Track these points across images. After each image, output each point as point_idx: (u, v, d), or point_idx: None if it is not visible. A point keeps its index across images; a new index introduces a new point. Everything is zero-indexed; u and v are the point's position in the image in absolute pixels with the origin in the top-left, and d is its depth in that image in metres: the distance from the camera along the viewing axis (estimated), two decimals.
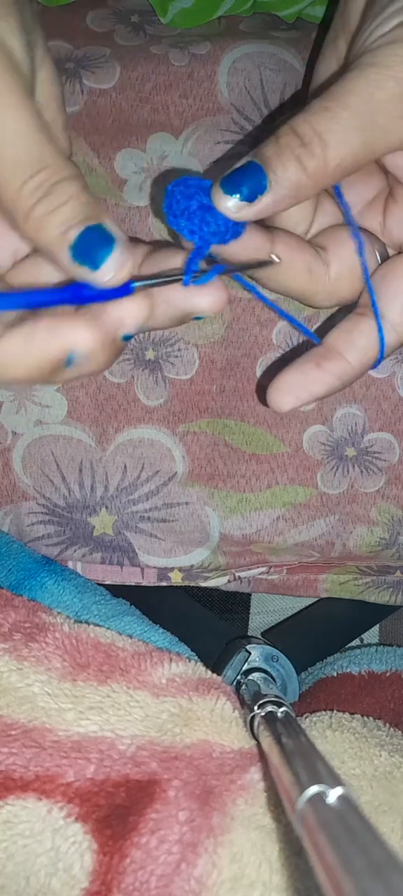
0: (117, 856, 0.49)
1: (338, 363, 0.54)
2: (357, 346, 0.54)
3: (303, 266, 0.54)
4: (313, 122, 0.46)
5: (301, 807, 0.37)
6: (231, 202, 0.47)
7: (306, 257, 0.54)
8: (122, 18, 0.77)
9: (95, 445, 0.70)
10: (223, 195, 0.47)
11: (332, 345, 0.55)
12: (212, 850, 0.49)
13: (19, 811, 0.50)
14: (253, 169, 0.47)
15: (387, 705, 0.70)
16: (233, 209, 0.47)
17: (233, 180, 0.47)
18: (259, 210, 0.47)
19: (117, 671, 0.58)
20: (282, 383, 0.54)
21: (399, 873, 0.29)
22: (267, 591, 0.84)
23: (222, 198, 0.47)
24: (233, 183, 0.47)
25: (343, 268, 0.55)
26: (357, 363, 0.54)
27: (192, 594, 0.88)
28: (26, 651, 0.57)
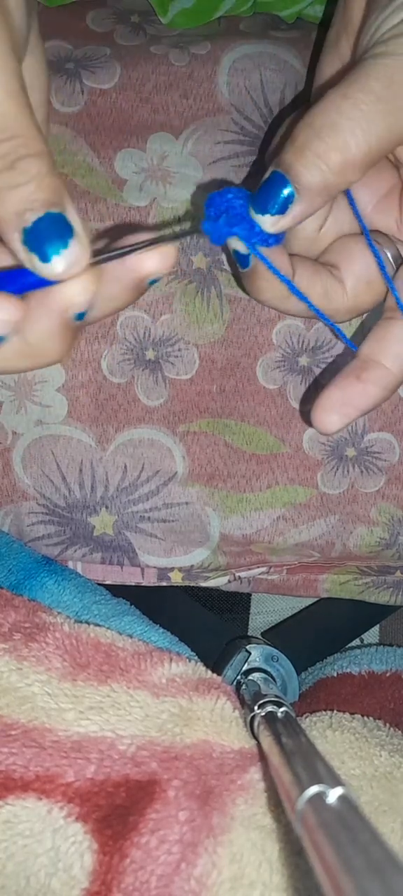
0: (117, 856, 0.48)
1: (378, 372, 0.53)
2: (393, 351, 0.54)
3: (321, 292, 0.54)
4: (332, 113, 0.45)
5: (301, 807, 0.37)
6: (266, 220, 0.47)
7: (323, 282, 0.54)
8: (122, 18, 0.77)
9: (95, 445, 0.70)
10: (256, 214, 0.47)
11: (368, 355, 0.54)
12: (212, 850, 0.49)
13: (19, 811, 0.50)
14: (278, 180, 0.46)
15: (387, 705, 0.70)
16: (270, 226, 0.47)
17: (262, 197, 0.47)
18: (293, 219, 0.47)
19: (117, 671, 0.58)
20: (327, 402, 0.53)
21: (400, 873, 0.29)
22: (268, 592, 0.84)
23: (257, 218, 0.47)
24: (263, 200, 0.47)
25: (358, 283, 0.55)
26: (397, 369, 0.53)
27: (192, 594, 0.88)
28: (26, 651, 0.56)
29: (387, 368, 0.53)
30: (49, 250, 0.40)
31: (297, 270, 0.53)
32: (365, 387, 0.53)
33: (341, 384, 0.54)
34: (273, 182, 0.47)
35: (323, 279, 0.54)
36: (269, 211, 0.47)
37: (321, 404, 0.54)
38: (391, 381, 0.53)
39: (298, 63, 0.71)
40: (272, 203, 0.46)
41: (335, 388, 0.54)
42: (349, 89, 0.45)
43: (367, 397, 0.53)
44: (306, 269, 0.54)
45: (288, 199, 0.46)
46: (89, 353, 0.68)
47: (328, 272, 0.55)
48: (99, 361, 0.68)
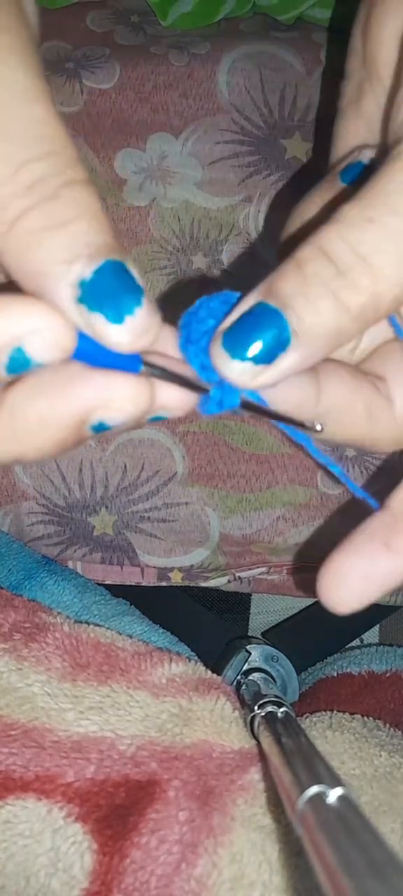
0: (117, 856, 0.49)
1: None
2: None
3: (362, 409, 0.39)
4: (353, 239, 0.33)
5: (301, 807, 0.37)
6: (238, 368, 0.33)
7: (365, 397, 0.40)
8: (122, 19, 0.77)
9: (95, 445, 0.69)
10: (227, 358, 0.33)
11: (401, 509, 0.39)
12: (212, 851, 0.49)
13: (19, 811, 0.50)
14: (267, 315, 0.33)
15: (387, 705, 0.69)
16: (245, 377, 0.33)
17: (239, 335, 0.33)
18: (281, 372, 0.34)
19: (117, 671, 0.58)
20: (340, 576, 0.39)
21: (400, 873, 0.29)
22: (268, 592, 0.84)
23: (227, 364, 0.33)
24: (240, 339, 0.33)
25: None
26: None
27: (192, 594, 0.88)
28: (26, 651, 0.57)
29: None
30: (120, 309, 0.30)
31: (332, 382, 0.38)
32: (397, 559, 0.38)
33: (363, 549, 0.39)
34: (259, 317, 0.33)
35: (365, 395, 0.40)
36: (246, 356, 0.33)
37: (333, 577, 0.40)
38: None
39: (298, 63, 0.71)
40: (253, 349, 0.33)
41: (354, 554, 0.39)
42: (374, 210, 0.33)
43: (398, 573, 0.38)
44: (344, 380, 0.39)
45: (278, 345, 0.33)
46: None
47: (372, 385, 0.40)
48: None
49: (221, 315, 0.35)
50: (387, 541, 0.38)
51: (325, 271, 0.33)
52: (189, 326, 0.35)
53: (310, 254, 0.34)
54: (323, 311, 0.33)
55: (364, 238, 0.33)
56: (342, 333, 0.34)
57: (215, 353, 0.33)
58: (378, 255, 0.33)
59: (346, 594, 0.39)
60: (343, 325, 0.33)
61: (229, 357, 0.33)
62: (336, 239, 0.33)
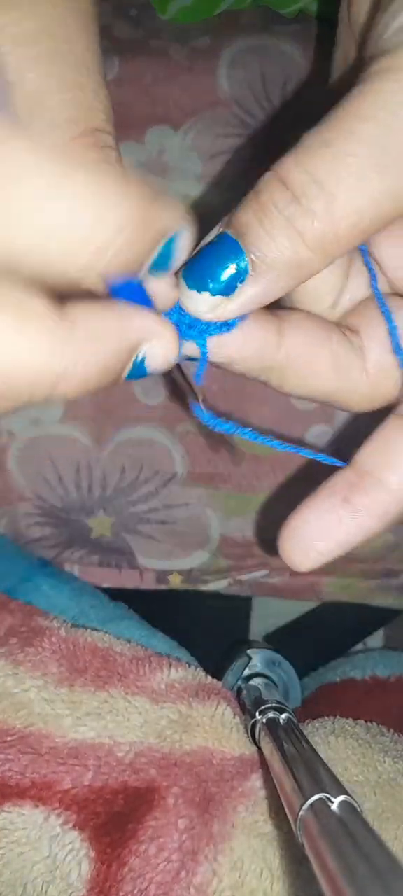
0: (115, 864, 0.48)
1: (377, 495, 0.39)
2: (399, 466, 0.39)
3: (329, 361, 0.39)
4: (309, 164, 0.33)
5: (303, 814, 0.37)
6: (200, 300, 0.34)
7: (332, 351, 0.40)
8: (121, 12, 0.77)
9: (93, 445, 0.69)
10: (187, 291, 0.35)
11: (366, 466, 0.40)
12: (213, 858, 0.49)
13: (16, 818, 0.50)
14: (227, 246, 0.34)
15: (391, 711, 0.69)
16: (205, 309, 0.35)
17: (199, 268, 0.35)
18: (241, 305, 0.35)
19: (115, 676, 0.57)
20: (298, 531, 0.40)
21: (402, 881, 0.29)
22: (269, 595, 0.84)
23: (187, 295, 0.35)
24: (199, 272, 0.34)
25: (385, 358, 0.41)
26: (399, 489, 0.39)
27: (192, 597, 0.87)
28: (22, 656, 0.56)
29: (390, 491, 0.39)
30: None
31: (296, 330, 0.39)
32: (355, 516, 0.39)
33: (323, 505, 0.40)
34: (218, 247, 0.34)
35: (333, 346, 0.40)
36: (207, 287, 0.34)
37: (292, 534, 0.40)
38: (392, 510, 0.39)
39: (299, 56, 0.71)
40: (212, 279, 0.34)
41: (314, 509, 0.40)
42: (332, 133, 0.33)
43: (355, 530, 0.39)
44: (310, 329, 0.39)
45: (237, 276, 0.34)
46: None
47: (343, 336, 0.40)
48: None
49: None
50: (347, 497, 0.39)
51: (281, 198, 0.33)
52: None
53: (267, 181, 0.34)
54: (278, 240, 0.33)
55: (321, 163, 0.33)
56: (301, 264, 0.34)
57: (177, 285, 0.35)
58: (334, 180, 0.32)
59: (306, 551, 0.39)
60: (300, 254, 0.33)
61: (187, 287, 0.35)
62: (293, 165, 0.33)
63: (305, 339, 0.39)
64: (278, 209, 0.33)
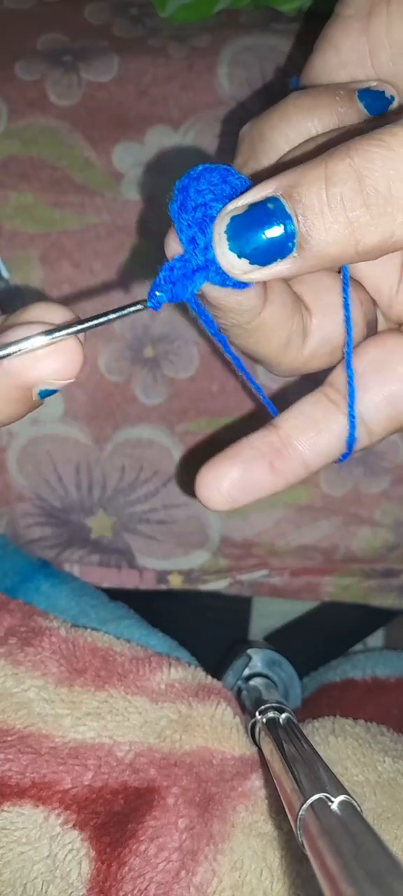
0: (115, 863, 0.48)
1: (294, 465, 0.43)
2: (319, 447, 0.43)
3: (285, 338, 0.41)
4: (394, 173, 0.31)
5: (303, 814, 0.37)
6: (236, 263, 0.33)
7: (291, 329, 0.41)
8: (121, 11, 0.77)
9: (93, 445, 0.69)
10: (226, 249, 0.33)
11: (290, 436, 0.43)
12: (212, 858, 0.48)
13: (16, 818, 0.50)
14: (279, 216, 0.32)
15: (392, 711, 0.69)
16: (239, 272, 0.34)
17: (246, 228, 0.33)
18: (271, 275, 0.34)
19: (115, 676, 0.57)
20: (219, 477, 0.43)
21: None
22: (269, 595, 0.84)
23: (225, 253, 0.33)
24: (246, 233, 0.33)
25: (322, 345, 0.42)
26: (313, 466, 0.43)
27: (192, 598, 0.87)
28: (22, 656, 0.56)
29: (304, 462, 0.43)
30: None
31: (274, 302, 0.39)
32: (273, 478, 0.43)
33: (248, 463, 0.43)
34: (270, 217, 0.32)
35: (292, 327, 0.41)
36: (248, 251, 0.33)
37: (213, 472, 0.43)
38: (299, 478, 0.43)
39: (300, 55, 0.71)
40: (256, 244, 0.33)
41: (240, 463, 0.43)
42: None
43: (268, 488, 0.43)
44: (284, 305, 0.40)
45: (280, 248, 0.32)
46: (86, 351, 0.67)
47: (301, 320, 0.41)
48: (96, 359, 0.68)
49: (220, 193, 0.34)
50: (273, 462, 0.42)
51: (353, 198, 0.31)
52: (186, 192, 0.35)
53: (344, 172, 0.31)
54: (333, 235, 0.32)
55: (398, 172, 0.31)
56: (341, 261, 0.33)
57: (217, 236, 0.33)
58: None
59: (220, 495, 0.43)
60: (346, 255, 0.32)
61: (227, 245, 0.33)
62: (378, 167, 0.31)
63: (278, 315, 0.39)
64: (345, 207, 0.31)
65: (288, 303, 0.40)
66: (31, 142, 0.68)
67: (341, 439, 0.43)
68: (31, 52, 0.72)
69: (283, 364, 0.42)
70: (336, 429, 0.43)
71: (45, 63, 0.71)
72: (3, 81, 0.70)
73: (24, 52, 0.72)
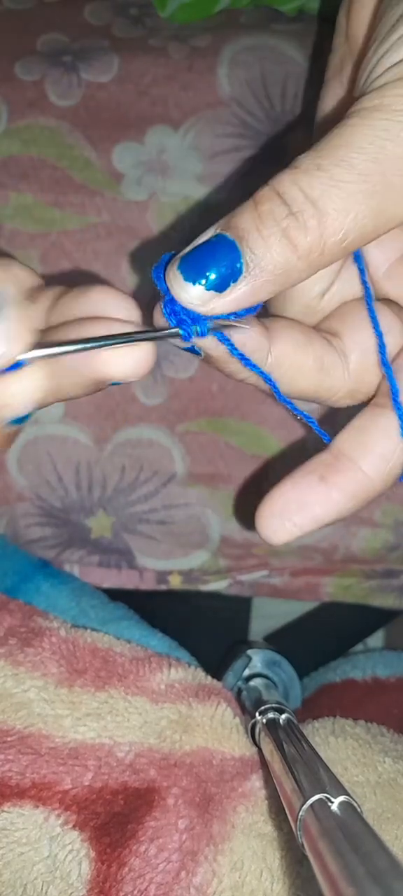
0: (115, 864, 0.48)
1: (351, 476, 0.43)
2: (375, 451, 0.43)
3: (313, 363, 0.43)
4: (304, 184, 0.36)
5: (303, 815, 0.37)
6: (193, 292, 0.37)
7: (316, 353, 0.43)
8: (121, 11, 0.77)
9: (93, 445, 0.69)
10: (182, 282, 0.37)
11: (343, 449, 0.44)
12: (212, 859, 0.48)
13: (16, 818, 0.50)
14: (224, 246, 0.36)
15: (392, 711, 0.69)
16: (197, 301, 0.37)
17: (195, 261, 0.37)
18: (232, 301, 0.37)
19: (115, 677, 0.57)
20: (275, 505, 0.44)
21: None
22: (269, 595, 0.83)
23: (181, 285, 0.37)
24: (196, 265, 0.37)
25: (366, 358, 0.44)
26: (376, 474, 0.43)
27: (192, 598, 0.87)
28: (22, 656, 0.56)
29: (363, 473, 0.43)
30: None
31: (282, 337, 0.42)
32: (330, 492, 0.43)
33: (300, 482, 0.44)
34: (216, 246, 0.37)
35: (316, 349, 0.43)
36: (202, 279, 0.36)
37: (269, 507, 0.44)
38: (366, 491, 0.43)
39: (300, 56, 0.71)
40: (208, 273, 0.36)
41: (291, 486, 0.44)
42: (325, 159, 0.36)
43: (330, 506, 0.43)
44: (294, 336, 0.43)
45: (230, 274, 0.36)
46: None
47: (324, 341, 0.44)
48: None
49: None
50: (323, 475, 0.43)
51: (278, 211, 0.36)
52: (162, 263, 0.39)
53: (267, 194, 0.37)
54: (273, 247, 0.36)
55: (316, 185, 0.36)
56: (290, 270, 0.37)
57: (171, 276, 0.37)
58: (326, 200, 0.36)
59: (283, 523, 0.43)
60: (291, 262, 0.36)
61: (183, 279, 0.37)
62: (289, 183, 0.36)
63: (291, 344, 0.43)
64: (275, 220, 0.36)
65: (296, 333, 0.43)
66: (31, 142, 0.68)
67: (395, 438, 0.43)
68: (31, 52, 0.72)
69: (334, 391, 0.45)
70: (385, 425, 0.44)
71: (45, 63, 0.71)
72: (3, 81, 0.70)
73: (24, 52, 0.72)
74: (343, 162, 0.36)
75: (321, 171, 0.36)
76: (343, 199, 0.36)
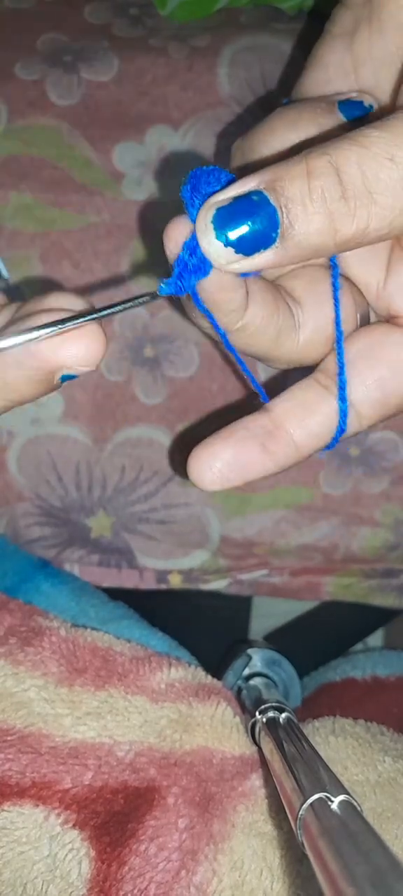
0: (115, 863, 0.48)
1: (285, 448, 0.44)
2: (310, 429, 0.44)
3: (274, 332, 0.42)
4: (370, 170, 0.34)
5: (303, 814, 0.37)
6: (221, 251, 0.35)
7: (279, 321, 0.42)
8: (121, 11, 0.77)
9: (92, 445, 0.69)
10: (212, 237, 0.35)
11: (281, 419, 0.44)
12: (213, 858, 0.49)
13: (16, 818, 0.49)
14: (264, 209, 0.34)
15: (392, 710, 0.69)
16: (223, 260, 0.36)
17: (231, 217, 0.35)
18: (255, 265, 0.36)
19: (115, 676, 0.57)
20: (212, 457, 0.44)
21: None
22: (269, 595, 0.84)
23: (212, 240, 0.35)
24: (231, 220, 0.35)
25: (316, 335, 0.44)
26: (304, 449, 0.44)
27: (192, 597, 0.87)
28: (22, 655, 0.56)
29: (295, 445, 0.44)
30: None
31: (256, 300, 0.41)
32: (264, 459, 0.44)
33: (241, 443, 0.44)
34: (256, 208, 0.35)
35: (279, 318, 0.42)
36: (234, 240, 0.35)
37: (206, 452, 0.44)
38: (290, 461, 0.44)
39: (300, 55, 0.71)
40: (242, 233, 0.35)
41: (233, 443, 0.44)
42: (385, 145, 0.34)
43: (259, 469, 0.44)
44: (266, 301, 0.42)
45: (264, 238, 0.35)
46: None
47: (288, 311, 0.43)
48: None
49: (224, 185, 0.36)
50: (264, 443, 0.43)
51: (332, 191, 0.34)
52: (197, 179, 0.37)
53: (323, 167, 0.34)
54: (314, 226, 0.34)
55: (381, 174, 0.34)
56: (322, 250, 0.36)
57: (201, 224, 0.35)
58: (386, 195, 0.34)
59: (210, 475, 0.43)
60: (327, 244, 0.35)
61: (213, 234, 0.35)
62: (354, 163, 0.34)
63: (262, 310, 0.41)
64: (326, 199, 0.34)
65: (268, 300, 0.42)
66: (31, 142, 0.68)
67: (332, 423, 0.44)
68: (31, 52, 0.72)
69: (280, 357, 0.44)
70: (326, 411, 0.44)
71: (45, 63, 0.71)
72: (3, 81, 0.70)
73: (24, 52, 0.72)
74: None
75: (391, 161, 0.34)
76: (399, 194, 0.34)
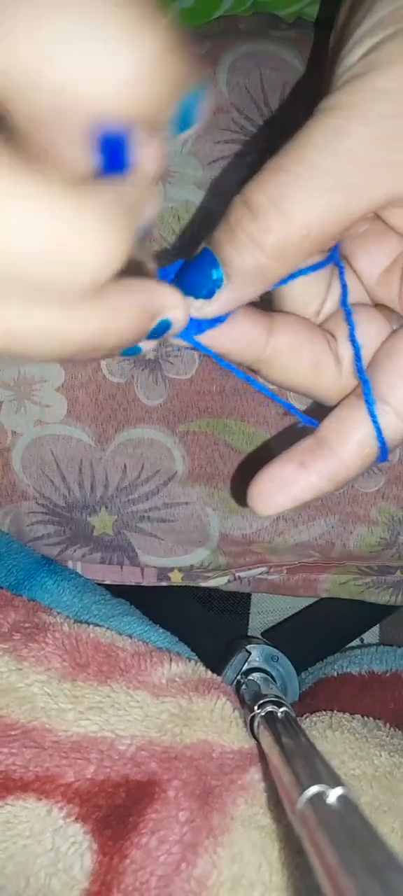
0: (117, 856, 0.49)
1: (328, 462, 0.44)
2: (352, 439, 0.44)
3: (309, 361, 0.45)
4: (268, 186, 0.38)
5: (301, 807, 0.37)
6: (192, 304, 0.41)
7: (313, 351, 0.45)
8: None
9: (95, 445, 0.69)
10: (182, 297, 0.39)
11: (324, 436, 0.45)
12: (212, 851, 0.49)
13: (19, 811, 0.50)
14: (207, 260, 0.41)
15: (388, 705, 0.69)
16: (193, 310, 0.41)
17: (189, 277, 0.41)
18: (220, 308, 0.41)
19: (117, 671, 0.58)
20: (263, 482, 0.46)
21: (399, 873, 0.29)
22: (268, 592, 0.84)
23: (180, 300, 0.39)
24: (189, 280, 0.41)
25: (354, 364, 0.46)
26: (351, 461, 0.44)
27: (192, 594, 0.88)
28: (26, 651, 0.56)
29: (340, 459, 0.44)
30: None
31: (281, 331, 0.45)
32: (308, 477, 0.45)
33: (282, 466, 0.46)
34: (202, 261, 0.41)
35: (314, 349, 0.45)
36: (193, 293, 0.40)
37: (258, 482, 0.46)
38: (341, 475, 0.45)
39: (298, 62, 0.71)
40: (199, 285, 0.40)
41: (276, 468, 0.46)
42: (286, 159, 0.38)
43: (306, 489, 0.45)
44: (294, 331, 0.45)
45: (215, 284, 0.40)
46: None
47: (325, 342, 0.46)
48: (98, 361, 0.68)
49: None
50: (304, 460, 0.45)
51: (244, 218, 0.39)
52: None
53: (235, 205, 0.40)
54: (243, 253, 0.39)
55: (276, 186, 0.38)
56: (264, 270, 0.40)
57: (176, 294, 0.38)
58: (288, 199, 0.38)
59: (267, 501, 0.45)
60: (262, 263, 0.39)
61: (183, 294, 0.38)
62: (254, 188, 0.39)
63: (291, 338, 0.45)
64: (242, 228, 0.39)
65: (301, 331, 0.45)
66: None
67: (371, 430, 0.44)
68: None
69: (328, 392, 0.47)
70: (363, 418, 0.45)
71: None
72: None
73: None
74: (304, 161, 0.38)
75: (283, 171, 0.38)
76: (304, 198, 0.38)
